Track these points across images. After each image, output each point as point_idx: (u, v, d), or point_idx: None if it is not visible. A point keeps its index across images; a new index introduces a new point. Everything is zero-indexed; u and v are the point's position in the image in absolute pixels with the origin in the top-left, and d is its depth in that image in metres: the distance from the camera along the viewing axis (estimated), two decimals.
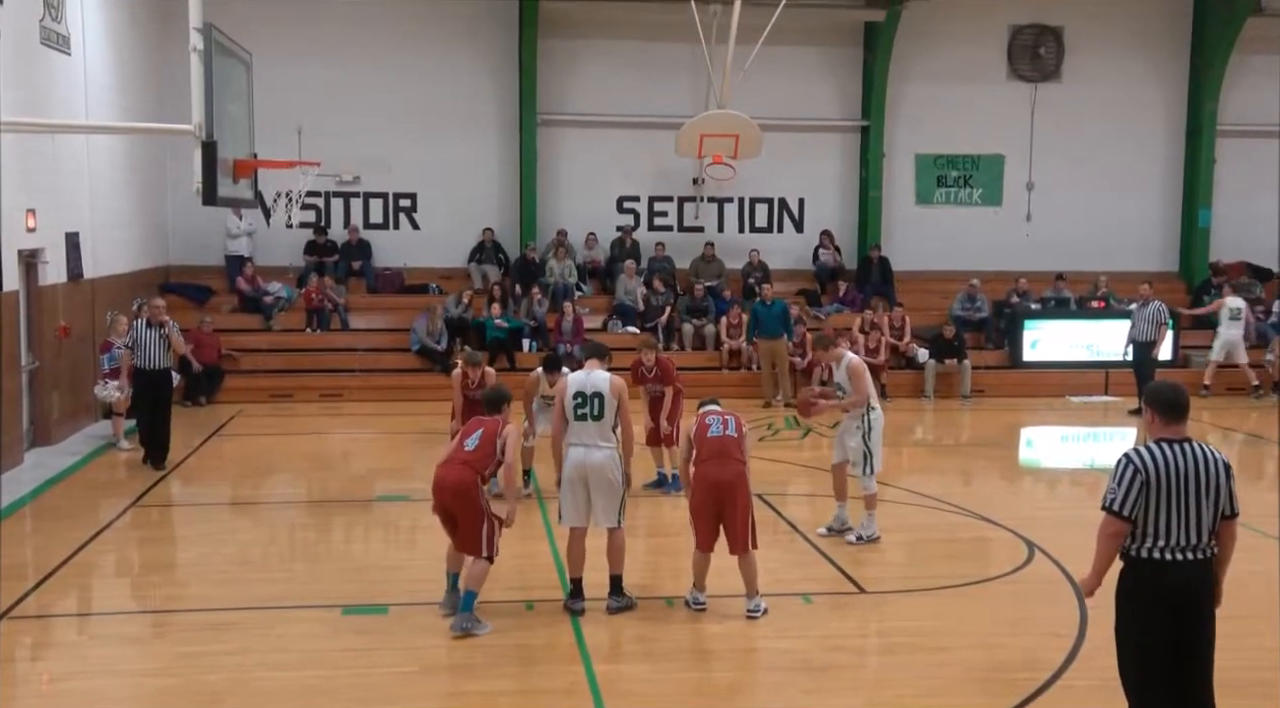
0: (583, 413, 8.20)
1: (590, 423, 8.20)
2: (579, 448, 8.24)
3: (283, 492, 13.15)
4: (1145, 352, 17.73)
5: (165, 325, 13.39)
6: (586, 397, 8.22)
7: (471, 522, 7.99)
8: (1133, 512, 5.45)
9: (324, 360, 19.18)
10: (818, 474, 13.62)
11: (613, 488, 8.25)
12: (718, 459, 8.28)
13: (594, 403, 8.19)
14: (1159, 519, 5.46)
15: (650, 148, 21.14)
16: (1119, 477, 5.48)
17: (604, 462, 8.21)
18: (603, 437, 8.22)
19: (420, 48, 20.80)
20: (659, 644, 7.90)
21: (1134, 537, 5.52)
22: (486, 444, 8.16)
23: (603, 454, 8.21)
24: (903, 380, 19.36)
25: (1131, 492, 5.43)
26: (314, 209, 20.76)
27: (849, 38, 21.95)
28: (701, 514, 8.33)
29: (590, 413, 8.19)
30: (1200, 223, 22.58)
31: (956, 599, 8.93)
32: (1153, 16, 22.45)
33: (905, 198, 22.51)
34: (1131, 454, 5.50)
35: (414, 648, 7.79)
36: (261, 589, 9.01)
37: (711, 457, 8.31)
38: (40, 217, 14.09)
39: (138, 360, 13.24)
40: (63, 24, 15.06)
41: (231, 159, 10.13)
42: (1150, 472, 5.43)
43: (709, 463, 8.30)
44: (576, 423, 8.24)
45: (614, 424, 8.28)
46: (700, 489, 8.32)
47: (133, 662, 7.74)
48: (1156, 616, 5.50)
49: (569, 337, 19.26)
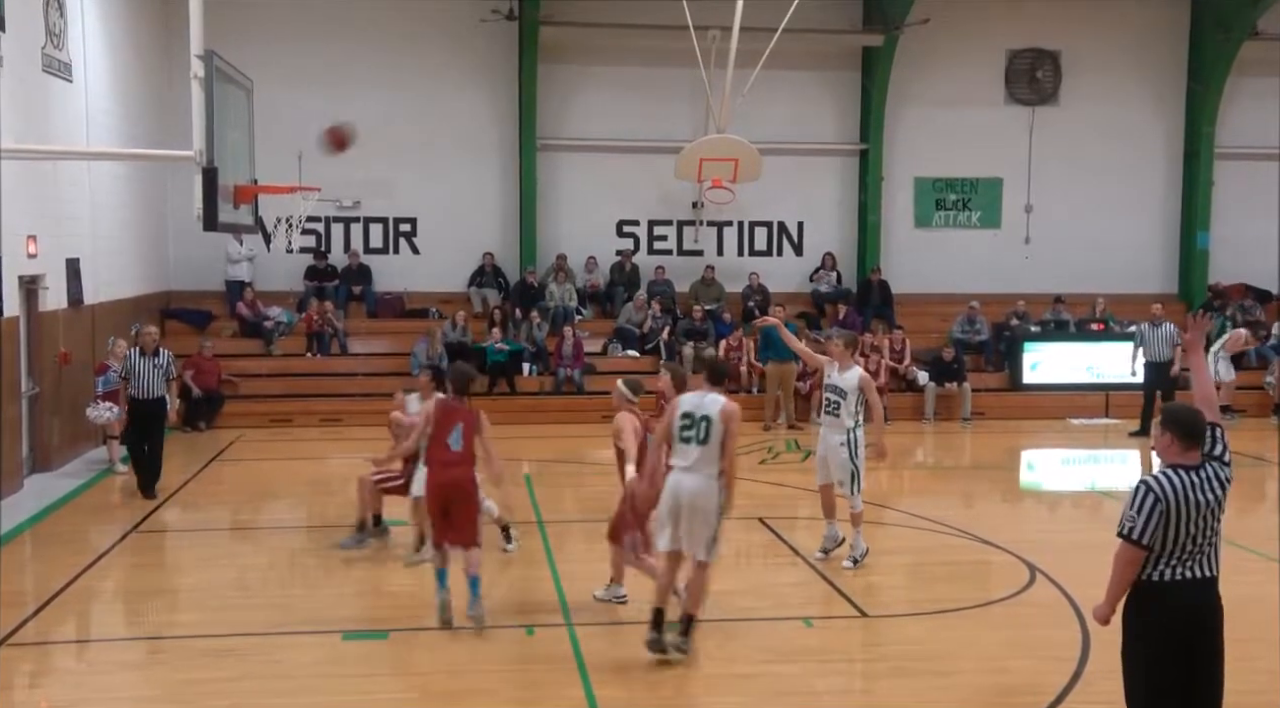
0: (688, 436, 7.89)
1: (694, 446, 7.86)
2: (679, 472, 7.93)
3: (282, 517, 13.13)
4: (1161, 373, 17.74)
5: (159, 354, 13.26)
6: (695, 419, 7.90)
7: (471, 516, 8.31)
8: (1151, 540, 5.38)
9: (324, 385, 19.17)
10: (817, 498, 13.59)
11: (707, 517, 7.86)
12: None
13: (702, 426, 7.87)
14: (1173, 543, 5.41)
15: (650, 172, 21.22)
16: (1138, 504, 5.38)
17: (702, 488, 7.85)
18: (706, 462, 7.85)
19: (421, 73, 20.91)
20: (660, 668, 7.87)
21: (1146, 560, 5.47)
22: (469, 442, 8.33)
23: (701, 480, 7.86)
24: (903, 403, 19.35)
25: (1151, 520, 5.35)
26: (314, 234, 20.83)
27: (847, 62, 22.06)
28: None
29: (696, 436, 7.87)
30: (1199, 245, 22.64)
31: (958, 623, 8.90)
32: (1150, 40, 22.58)
33: (904, 221, 22.58)
34: (1151, 482, 5.41)
35: (414, 674, 7.76)
36: (261, 615, 8.98)
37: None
38: (41, 242, 14.12)
39: (133, 390, 13.08)
40: (64, 51, 15.14)
41: (232, 185, 10.19)
42: (1170, 500, 5.35)
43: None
44: (680, 445, 7.94)
45: (720, 451, 7.87)
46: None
47: (132, 689, 7.70)
48: (1166, 637, 5.44)
49: (569, 360, 19.29)
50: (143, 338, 13.38)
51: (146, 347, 13.13)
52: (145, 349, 13.12)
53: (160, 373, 13.12)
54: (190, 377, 17.83)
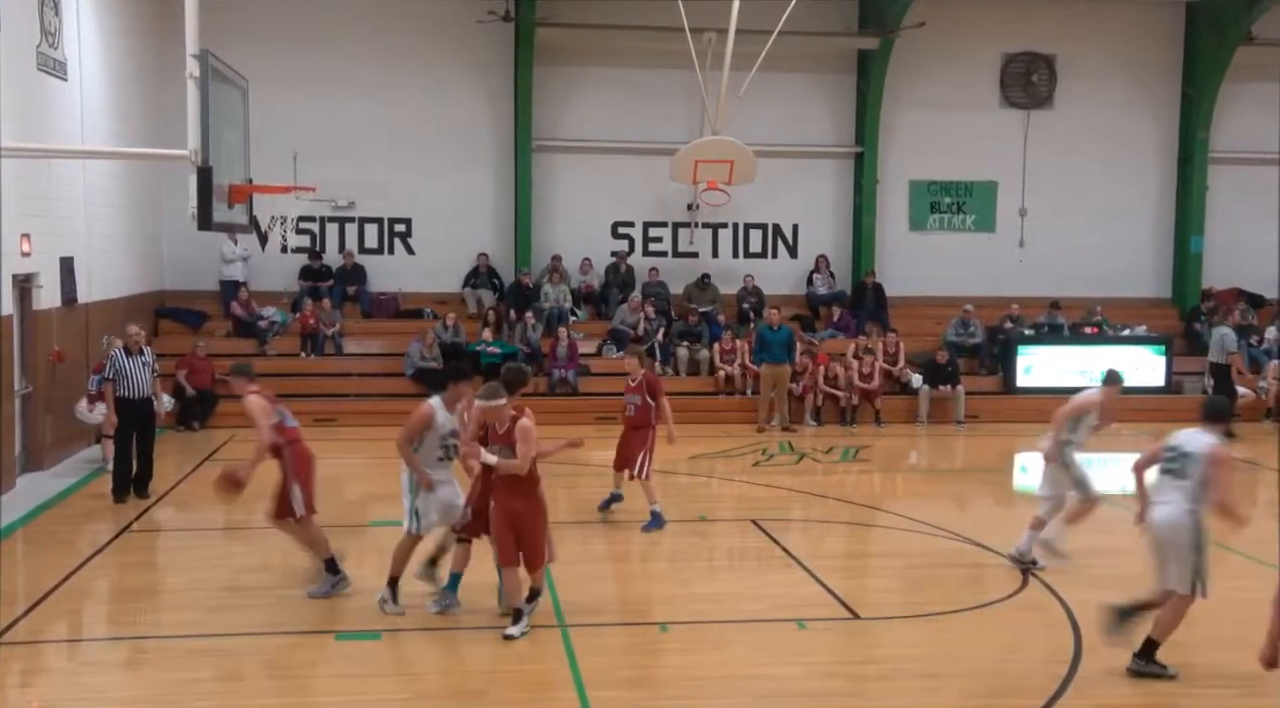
0: (1170, 468, 7.89)
1: (1172, 479, 7.86)
2: (1156, 505, 7.89)
3: None
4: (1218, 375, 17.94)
5: (145, 352, 13.16)
6: (1179, 453, 7.87)
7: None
8: None
9: (318, 385, 19.14)
10: (811, 500, 13.63)
11: (1180, 551, 7.77)
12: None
13: (1183, 462, 7.83)
14: None
15: (645, 174, 21.22)
16: None
17: (1173, 521, 7.78)
18: (1182, 496, 7.79)
19: (416, 74, 20.90)
20: (652, 671, 7.88)
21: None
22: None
23: (1173, 512, 7.79)
24: (897, 406, 19.38)
25: None
26: (309, 234, 20.82)
27: (843, 65, 22.09)
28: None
29: (1177, 470, 7.84)
30: (1193, 249, 22.68)
31: (951, 625, 8.91)
32: (1144, 44, 22.62)
33: (899, 224, 22.61)
34: None
35: (407, 675, 7.77)
36: (254, 615, 8.97)
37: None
38: (35, 241, 14.09)
39: (121, 390, 12.98)
40: (60, 50, 15.12)
41: (227, 184, 10.16)
42: None
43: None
44: (1162, 477, 7.94)
45: (1200, 488, 7.78)
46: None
47: (124, 688, 7.69)
48: None
49: (563, 362, 19.28)
50: (128, 338, 13.32)
51: (132, 347, 13.08)
52: (131, 349, 13.05)
53: (148, 372, 13.09)
54: (184, 376, 17.81)
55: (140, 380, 12.99)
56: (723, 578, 10.56)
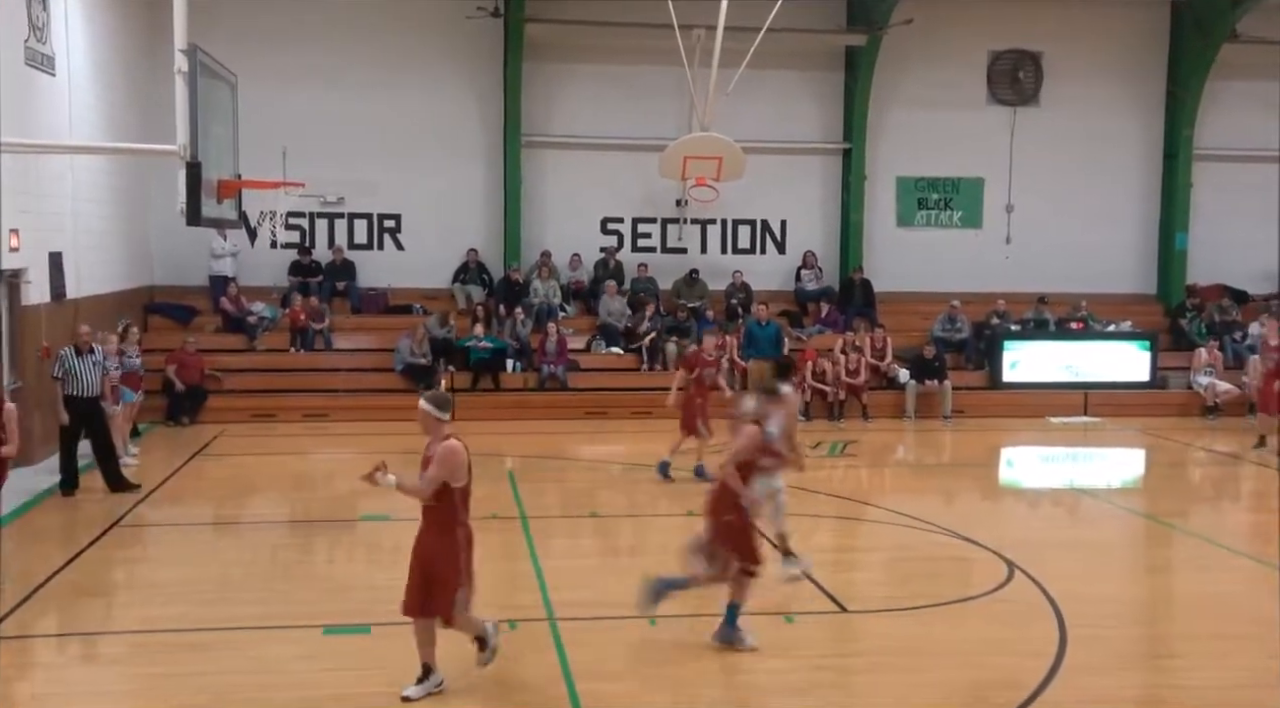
0: None
1: None
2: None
3: (265, 512, 13.13)
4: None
5: (95, 352, 13.10)
6: None
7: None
8: None
9: (308, 381, 19.15)
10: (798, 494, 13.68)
11: None
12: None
13: None
14: None
15: (634, 170, 21.25)
16: None
17: None
18: None
19: (406, 70, 20.89)
20: (641, 665, 7.92)
21: None
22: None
23: None
24: (884, 401, 19.47)
25: None
26: (299, 230, 20.80)
27: (831, 62, 22.15)
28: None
29: None
30: (1177, 246, 22.81)
31: (937, 618, 8.98)
32: (1130, 42, 22.73)
33: (886, 220, 22.68)
34: None
35: (396, 668, 7.78)
36: (243, 610, 8.99)
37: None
38: (23, 236, 14.07)
39: (70, 389, 12.90)
40: (48, 45, 15.09)
41: (216, 179, 10.18)
42: None
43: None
44: None
45: None
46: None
47: (114, 683, 7.72)
48: None
49: (553, 357, 19.32)
50: (77, 337, 13.25)
51: (82, 346, 13.01)
52: (81, 349, 12.99)
53: (99, 371, 13.07)
54: (173, 371, 17.82)
55: (90, 380, 12.95)
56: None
